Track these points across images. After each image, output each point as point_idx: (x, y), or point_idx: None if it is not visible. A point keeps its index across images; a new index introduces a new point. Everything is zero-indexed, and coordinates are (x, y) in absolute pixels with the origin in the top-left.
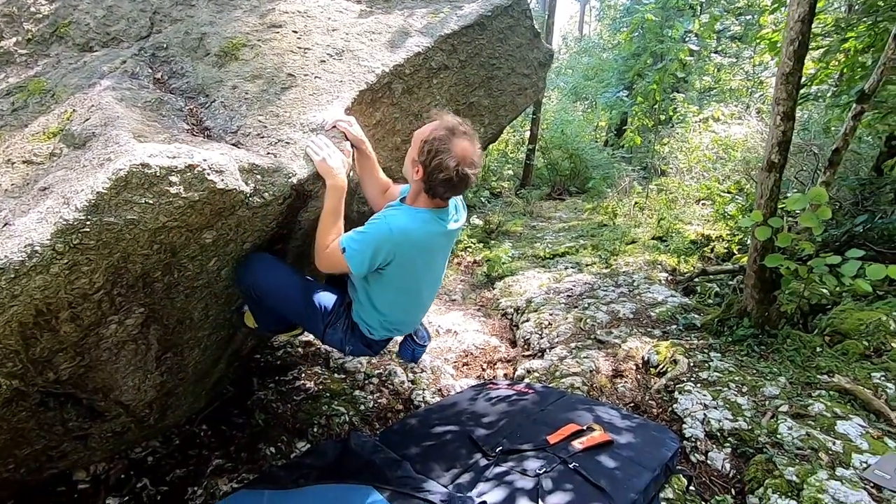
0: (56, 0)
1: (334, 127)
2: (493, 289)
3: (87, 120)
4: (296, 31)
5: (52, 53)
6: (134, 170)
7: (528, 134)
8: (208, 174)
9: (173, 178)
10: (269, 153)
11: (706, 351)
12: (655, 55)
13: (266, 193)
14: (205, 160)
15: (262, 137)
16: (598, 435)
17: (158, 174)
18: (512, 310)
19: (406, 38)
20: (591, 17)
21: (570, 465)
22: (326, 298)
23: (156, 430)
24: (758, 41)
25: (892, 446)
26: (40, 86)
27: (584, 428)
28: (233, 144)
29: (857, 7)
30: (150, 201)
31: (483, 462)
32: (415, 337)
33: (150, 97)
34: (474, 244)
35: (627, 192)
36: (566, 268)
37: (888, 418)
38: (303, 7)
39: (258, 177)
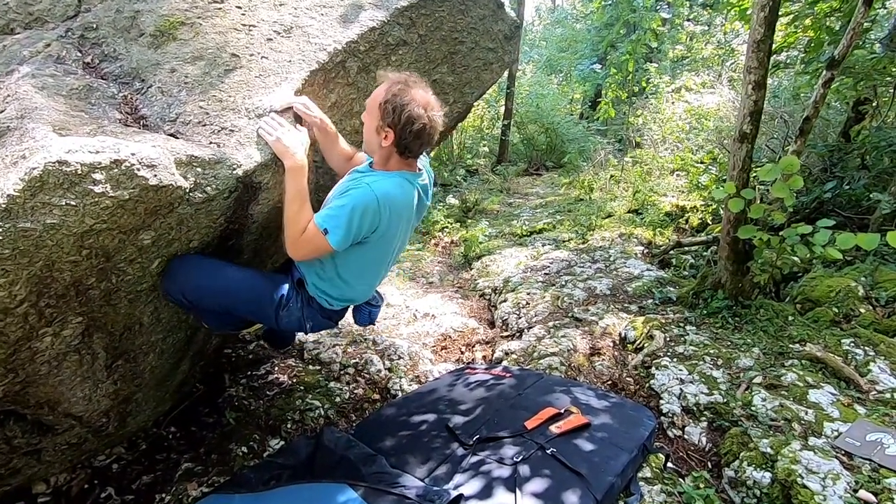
0: None
1: (290, 110)
2: (471, 269)
3: (2, 112)
4: (240, 7)
5: None
6: (50, 168)
7: (503, 109)
8: (138, 170)
9: (97, 176)
10: (211, 143)
11: (682, 325)
12: (628, 25)
13: (209, 188)
14: (133, 154)
15: (204, 126)
16: (574, 418)
17: (80, 172)
18: (490, 290)
19: (360, 12)
20: None
21: (548, 451)
22: (270, 282)
23: (119, 437)
24: (728, 8)
25: (861, 413)
26: None
27: (562, 411)
28: (170, 134)
29: None
30: (73, 203)
31: (460, 452)
32: (368, 299)
33: (77, 84)
34: (451, 224)
35: (603, 165)
36: (544, 245)
37: (858, 385)
38: None
39: (199, 170)
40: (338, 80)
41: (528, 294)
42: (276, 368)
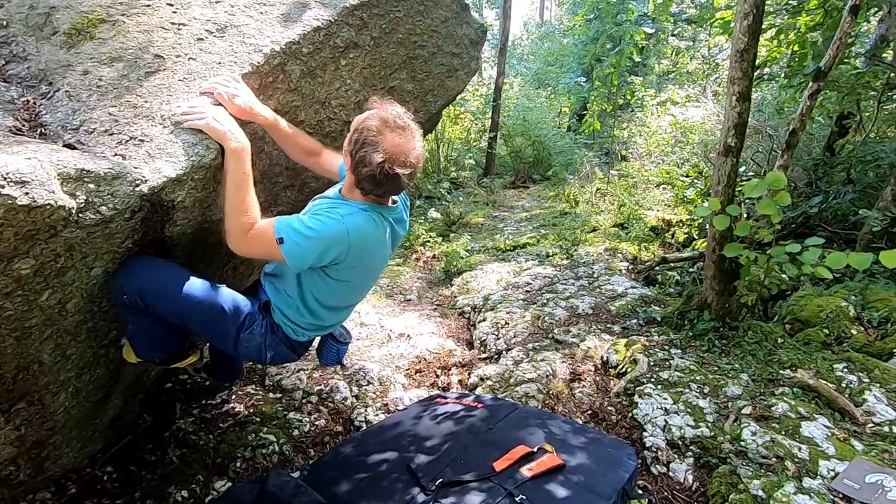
0: None
1: (209, 94)
2: (451, 286)
3: None
4: (171, 4)
5: None
6: None
7: (489, 122)
8: (2, 187)
9: None
10: (116, 154)
11: (667, 347)
12: (613, 38)
13: (104, 207)
14: None
15: (111, 135)
16: (548, 458)
17: None
18: (469, 308)
19: (304, 11)
20: (552, 3)
21: (517, 499)
22: (236, 299)
23: (40, 483)
24: (712, 22)
25: (859, 449)
26: None
27: (535, 450)
28: (68, 144)
29: None
30: None
31: (421, 498)
32: (336, 336)
33: None
34: (433, 238)
35: (589, 178)
36: (527, 260)
37: (853, 416)
38: None
39: (91, 186)
40: (277, 84)
41: (508, 313)
42: (234, 397)
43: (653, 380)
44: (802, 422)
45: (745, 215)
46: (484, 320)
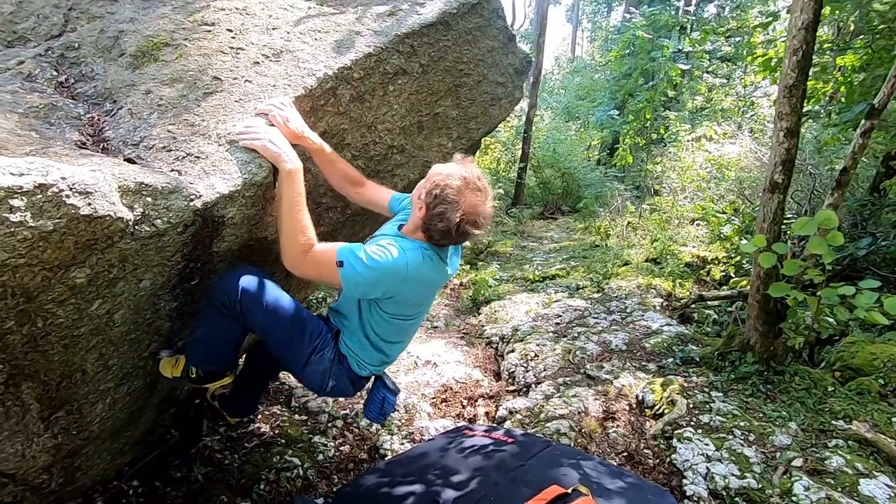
0: None
1: (263, 115)
2: (479, 314)
3: None
4: (230, 30)
5: None
6: None
7: (519, 152)
8: (68, 197)
9: (16, 202)
10: (172, 170)
11: (707, 390)
12: (646, 74)
13: (159, 220)
14: (64, 178)
15: (169, 151)
16: (584, 501)
17: None
18: (497, 338)
19: (356, 38)
20: (584, 40)
21: None
22: (317, 321)
23: (68, 493)
24: (749, 60)
25: None
26: None
27: (569, 491)
28: (129, 159)
29: (846, 29)
30: None
31: None
32: (386, 382)
33: (39, 102)
34: (461, 265)
35: (620, 211)
36: (556, 291)
37: None
38: (242, 3)
39: (148, 199)
40: (327, 108)
41: (538, 345)
42: (260, 417)
43: (692, 423)
44: (861, 479)
45: (792, 254)
46: (512, 351)
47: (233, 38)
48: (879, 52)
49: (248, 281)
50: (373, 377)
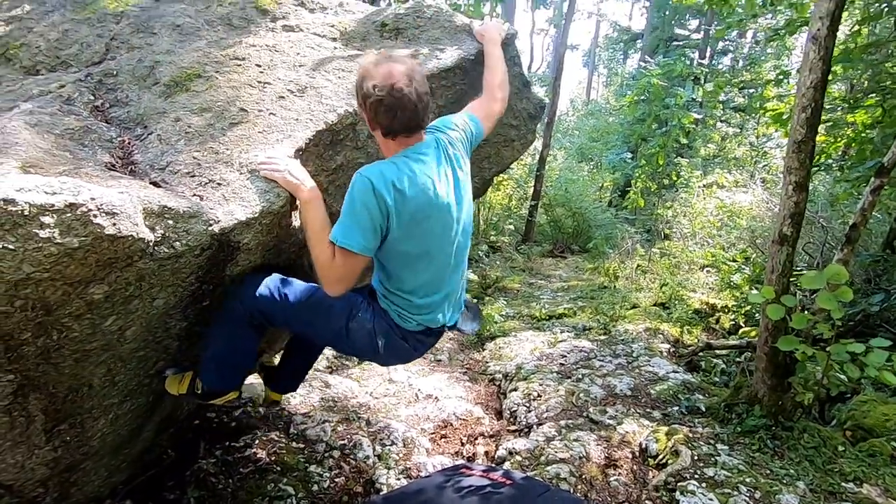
0: (14, 21)
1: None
2: (484, 350)
3: None
4: (259, 65)
5: None
6: None
7: (531, 190)
8: (95, 216)
9: (46, 219)
10: (194, 194)
11: (712, 442)
12: (659, 120)
13: (177, 243)
14: (93, 199)
15: (193, 176)
16: None
17: (27, 213)
18: (500, 375)
19: None
20: (599, 84)
21: None
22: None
23: None
24: (761, 112)
25: None
26: None
27: None
28: (154, 182)
29: (859, 86)
30: (11, 246)
31: None
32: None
33: (75, 125)
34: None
35: (630, 254)
36: (562, 331)
37: None
38: (272, 41)
39: (170, 222)
40: (346, 142)
41: (541, 385)
42: (257, 441)
43: (696, 476)
44: None
45: (801, 307)
46: (515, 390)
47: (261, 72)
48: (891, 111)
49: (258, 282)
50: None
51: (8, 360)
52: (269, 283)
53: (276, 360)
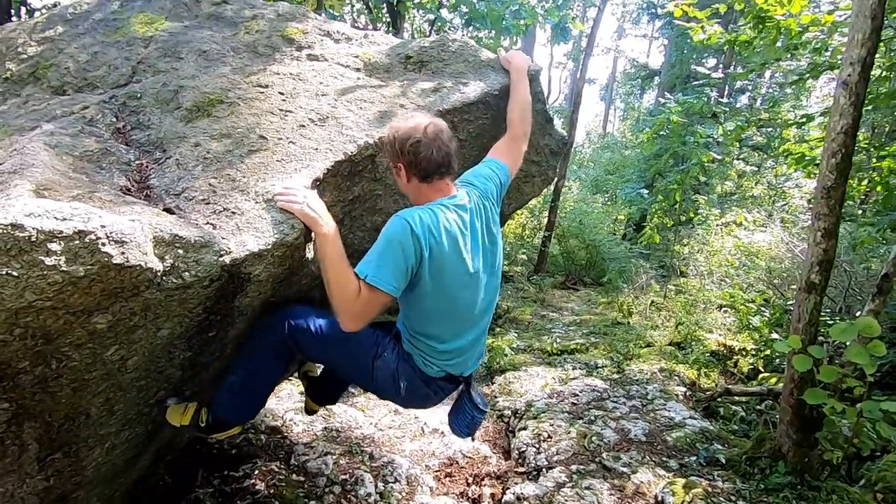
0: (46, 42)
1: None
2: (492, 384)
3: (0, 164)
4: (282, 93)
5: (24, 94)
6: (0, 232)
7: (545, 220)
8: (103, 244)
9: (54, 246)
10: (208, 223)
11: (733, 499)
12: (677, 156)
13: (186, 273)
14: (103, 226)
15: (207, 204)
16: None
17: (34, 239)
18: (509, 412)
19: (400, 110)
20: (615, 118)
21: None
22: (372, 329)
23: None
24: (780, 152)
25: None
26: None
27: None
28: (167, 209)
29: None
30: (15, 273)
31: None
32: (472, 395)
33: (94, 147)
34: None
35: (644, 289)
36: (574, 368)
37: None
38: (296, 70)
39: (180, 251)
40: (364, 173)
41: (552, 425)
42: (257, 472)
43: None
44: None
45: (829, 358)
46: (524, 429)
47: (283, 100)
48: None
49: (291, 311)
50: (461, 387)
51: (3, 389)
52: (303, 313)
53: (318, 370)
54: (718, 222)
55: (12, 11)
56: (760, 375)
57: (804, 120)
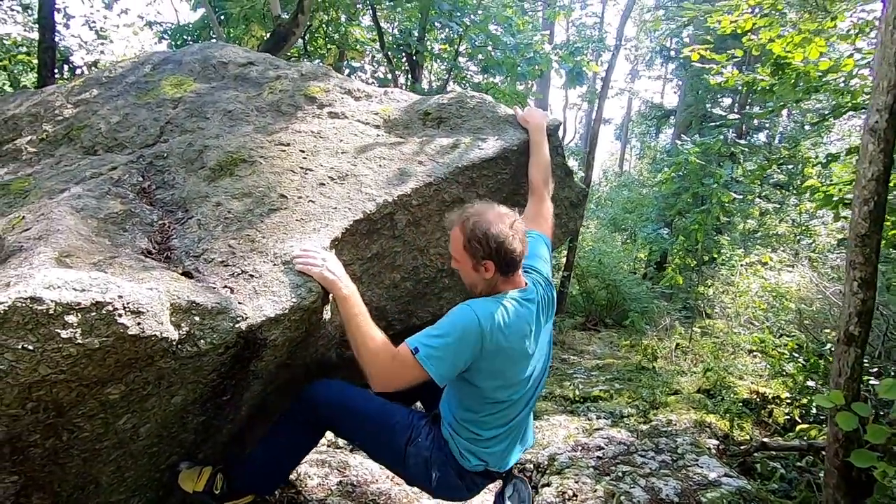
0: (81, 104)
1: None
2: None
3: (27, 230)
4: (303, 151)
5: (57, 154)
6: (19, 305)
7: (564, 260)
8: (120, 315)
9: (70, 318)
10: (225, 286)
11: None
12: (696, 196)
13: (202, 341)
14: (121, 297)
15: (226, 266)
16: None
17: (52, 312)
18: (532, 466)
19: (418, 167)
20: (631, 156)
21: None
22: (402, 410)
23: None
24: (805, 191)
25: None
26: (22, 186)
27: None
28: (186, 272)
29: None
30: (31, 347)
31: None
32: (506, 496)
33: (119, 208)
34: None
35: (668, 332)
36: (598, 417)
37: None
38: (317, 127)
39: (196, 318)
40: (383, 231)
41: (577, 482)
42: None
43: None
44: None
45: (874, 415)
46: (548, 485)
47: (304, 158)
48: None
49: (327, 385)
50: (500, 484)
51: (13, 462)
52: (339, 388)
53: None
54: (743, 262)
55: (56, 69)
56: (798, 427)
57: (829, 160)
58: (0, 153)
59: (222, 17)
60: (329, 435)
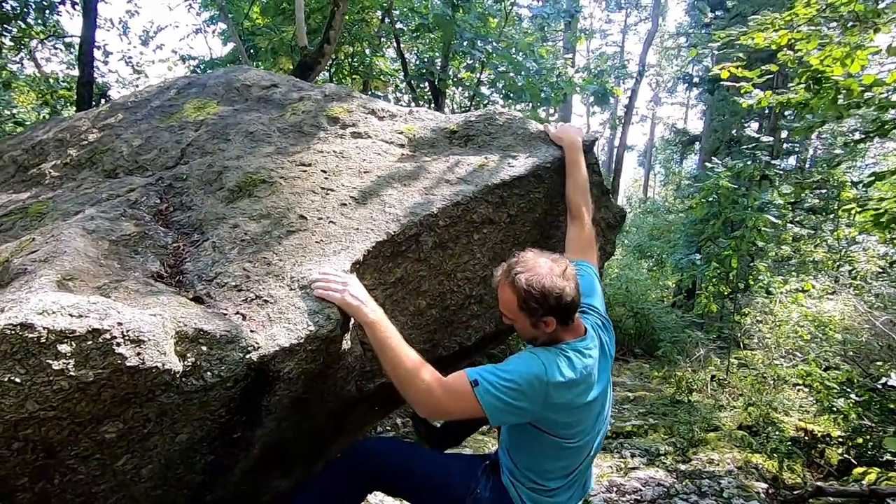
0: (106, 129)
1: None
2: None
3: (34, 252)
4: (324, 171)
5: (79, 178)
6: (8, 332)
7: None
8: (118, 345)
9: (63, 348)
10: (238, 312)
11: None
12: (728, 221)
13: (208, 373)
14: (121, 324)
15: (239, 290)
16: None
17: (44, 340)
18: None
19: (445, 187)
20: (656, 182)
21: None
22: (457, 462)
23: None
24: (844, 214)
25: None
26: (39, 208)
27: None
28: (197, 297)
29: None
30: (18, 380)
31: None
32: None
33: (132, 230)
34: None
35: (702, 363)
36: (633, 455)
37: None
38: (340, 147)
39: (203, 348)
40: (408, 254)
41: None
42: None
43: None
44: None
45: None
46: None
47: (325, 178)
48: None
49: (371, 441)
50: None
51: None
52: (383, 444)
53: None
54: (783, 290)
55: (93, 103)
56: (855, 470)
57: (874, 178)
58: (25, 178)
59: (251, 51)
60: None
